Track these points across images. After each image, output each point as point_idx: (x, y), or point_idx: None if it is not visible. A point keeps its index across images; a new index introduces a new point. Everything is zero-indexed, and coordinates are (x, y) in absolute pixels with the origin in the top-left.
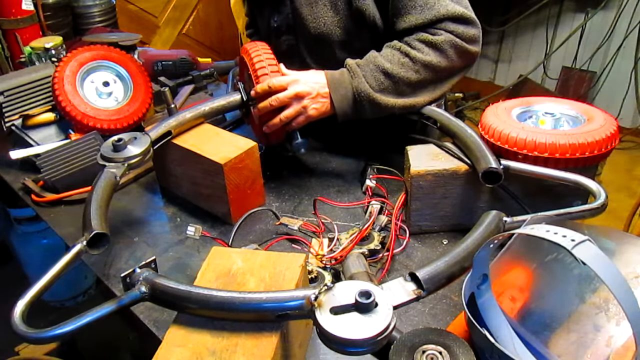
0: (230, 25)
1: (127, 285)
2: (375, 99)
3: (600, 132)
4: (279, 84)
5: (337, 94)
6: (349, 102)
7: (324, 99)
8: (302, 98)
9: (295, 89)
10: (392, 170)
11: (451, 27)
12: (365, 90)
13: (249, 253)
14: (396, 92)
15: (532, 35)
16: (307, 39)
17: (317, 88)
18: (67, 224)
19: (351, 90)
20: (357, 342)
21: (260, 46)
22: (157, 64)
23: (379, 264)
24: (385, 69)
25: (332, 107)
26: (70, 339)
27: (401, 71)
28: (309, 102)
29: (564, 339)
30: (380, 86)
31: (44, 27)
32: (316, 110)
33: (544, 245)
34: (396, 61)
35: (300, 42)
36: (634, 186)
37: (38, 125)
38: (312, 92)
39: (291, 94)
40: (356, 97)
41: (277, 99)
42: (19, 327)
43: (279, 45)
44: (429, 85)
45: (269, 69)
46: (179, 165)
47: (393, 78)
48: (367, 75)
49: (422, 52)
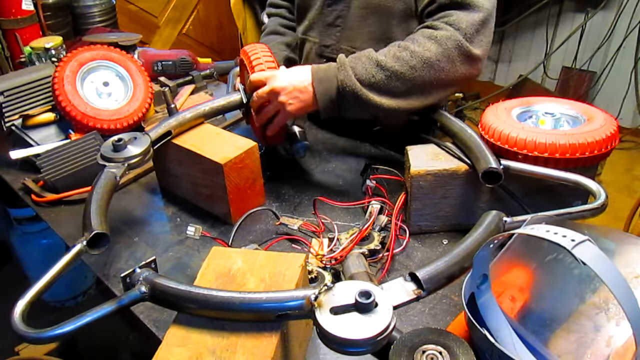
0: (230, 25)
1: (127, 285)
2: (361, 95)
3: (600, 132)
4: (257, 78)
5: (321, 87)
6: (331, 96)
7: (301, 93)
8: (278, 94)
9: (271, 84)
10: (392, 170)
11: (457, 15)
12: (351, 84)
13: (249, 253)
14: (387, 89)
15: (532, 35)
16: (361, 9)
17: (293, 83)
18: (67, 224)
19: (335, 84)
20: (357, 342)
21: (259, 48)
22: (157, 64)
23: (379, 264)
24: (379, 61)
25: (315, 101)
26: (70, 339)
27: (395, 64)
28: (285, 98)
29: (564, 339)
30: (370, 79)
31: (44, 27)
32: (294, 105)
33: (544, 245)
34: (392, 55)
35: (353, 13)
36: (634, 186)
37: (38, 125)
38: (288, 87)
39: (267, 89)
40: (340, 91)
41: (256, 94)
42: (19, 327)
43: (323, 15)
44: (423, 86)
45: (265, 66)
46: (179, 165)
47: (386, 71)
48: (358, 67)
49: (423, 46)
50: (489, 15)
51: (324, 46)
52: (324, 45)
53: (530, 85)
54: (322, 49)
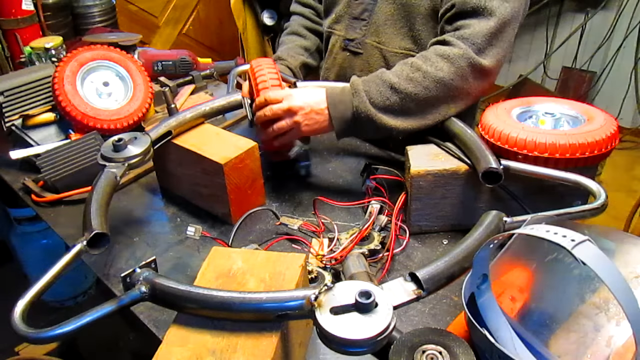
0: (230, 25)
1: (127, 285)
2: (376, 120)
3: (600, 132)
4: (274, 96)
5: (336, 112)
6: (347, 121)
7: (318, 115)
8: (295, 113)
9: (288, 102)
10: (392, 170)
11: (472, 27)
12: (366, 110)
13: (249, 253)
14: (402, 110)
15: (532, 35)
16: (389, 4)
17: (311, 104)
18: (67, 224)
19: (351, 109)
20: (357, 342)
21: (265, 63)
22: (157, 64)
23: (379, 264)
24: (392, 84)
25: (330, 124)
26: (70, 339)
27: (409, 86)
28: (301, 118)
29: (564, 339)
30: (384, 102)
31: (44, 27)
32: (308, 126)
33: (544, 245)
34: (404, 76)
35: (380, 7)
36: (634, 186)
37: (38, 125)
38: (305, 108)
39: (284, 107)
40: (356, 116)
41: (271, 109)
42: (19, 327)
43: (350, 8)
44: (437, 105)
45: (269, 83)
46: (179, 165)
47: (400, 94)
48: (372, 91)
49: (436, 66)
50: (504, 22)
51: (348, 39)
52: (348, 39)
53: (530, 85)
54: (347, 42)
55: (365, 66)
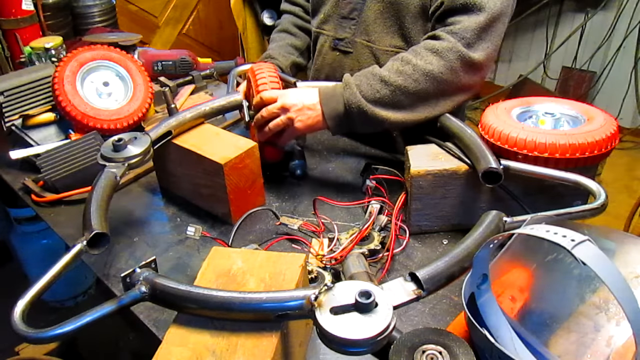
0: (230, 25)
1: (127, 285)
2: (367, 111)
3: (600, 132)
4: (269, 96)
5: (328, 106)
6: (340, 115)
7: (310, 111)
8: (288, 110)
9: (282, 100)
10: (392, 170)
11: (462, 22)
12: (357, 102)
13: (249, 253)
14: (392, 103)
15: (532, 35)
16: (378, 3)
17: (303, 100)
18: (67, 224)
19: (342, 103)
20: (357, 342)
21: (265, 67)
22: (157, 64)
23: (379, 264)
24: (382, 77)
25: (324, 119)
26: (70, 339)
27: (398, 79)
28: (295, 114)
29: (564, 339)
30: (375, 95)
31: (44, 27)
32: (302, 122)
33: (544, 245)
34: (395, 69)
35: (368, 6)
36: (634, 186)
37: (38, 125)
38: (298, 104)
39: (278, 105)
40: (347, 110)
41: (267, 110)
42: (19, 327)
43: (339, 8)
44: (428, 98)
45: (269, 86)
46: (179, 165)
47: (390, 86)
48: (362, 84)
49: (425, 59)
50: (494, 17)
51: (338, 39)
52: (338, 39)
53: (530, 85)
54: (337, 42)
55: (356, 65)
